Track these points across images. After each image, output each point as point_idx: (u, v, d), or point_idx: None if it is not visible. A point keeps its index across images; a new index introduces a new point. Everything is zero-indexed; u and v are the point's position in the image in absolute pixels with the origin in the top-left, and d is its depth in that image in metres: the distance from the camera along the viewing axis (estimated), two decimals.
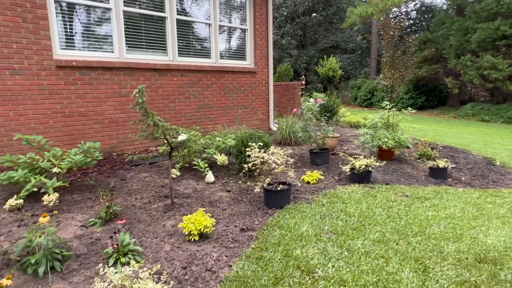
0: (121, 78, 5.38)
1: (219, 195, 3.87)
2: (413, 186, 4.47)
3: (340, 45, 26.12)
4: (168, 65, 5.89)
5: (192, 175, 4.44)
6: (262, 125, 7.77)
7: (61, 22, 4.84)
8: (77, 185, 3.88)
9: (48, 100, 4.71)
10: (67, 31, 4.94)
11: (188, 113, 6.31)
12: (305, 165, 5.25)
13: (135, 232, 2.87)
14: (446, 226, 3.20)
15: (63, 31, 4.88)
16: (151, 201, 3.59)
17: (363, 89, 22.28)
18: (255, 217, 3.33)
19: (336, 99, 6.97)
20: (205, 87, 6.55)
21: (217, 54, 6.73)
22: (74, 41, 5.02)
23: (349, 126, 9.79)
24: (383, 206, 3.65)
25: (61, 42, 4.84)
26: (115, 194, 3.66)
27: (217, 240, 2.83)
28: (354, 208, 3.57)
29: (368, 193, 4.08)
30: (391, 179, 4.79)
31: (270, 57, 7.70)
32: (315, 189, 4.18)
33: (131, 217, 3.14)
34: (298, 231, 2.99)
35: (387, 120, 5.74)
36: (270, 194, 3.58)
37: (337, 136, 5.84)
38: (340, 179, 4.66)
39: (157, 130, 3.05)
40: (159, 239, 2.80)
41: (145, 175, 4.42)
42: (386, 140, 5.26)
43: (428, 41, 18.97)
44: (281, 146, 6.54)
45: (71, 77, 4.87)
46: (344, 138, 7.61)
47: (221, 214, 3.36)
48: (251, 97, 7.44)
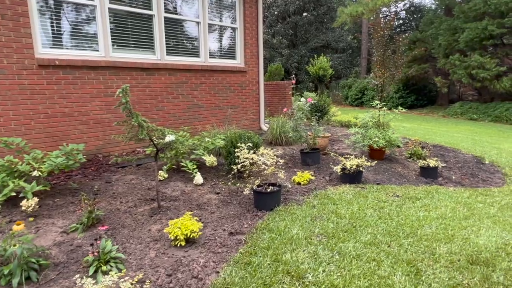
0: (107, 77, 5.23)
1: (208, 198, 3.77)
2: (404, 186, 4.44)
3: (331, 45, 26.18)
4: (156, 64, 5.76)
5: (181, 177, 4.33)
6: (253, 125, 7.68)
7: (43, 20, 4.67)
8: (59, 189, 3.73)
9: (29, 101, 4.53)
10: (50, 29, 4.77)
11: (177, 113, 6.19)
12: (296, 165, 5.18)
13: (118, 238, 2.75)
14: (437, 226, 3.17)
15: (46, 29, 4.71)
16: (136, 205, 3.47)
17: (354, 88, 22.38)
18: (244, 220, 3.24)
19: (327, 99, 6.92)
20: (194, 86, 6.43)
21: (206, 53, 6.62)
22: (57, 40, 4.85)
23: (340, 126, 9.77)
24: (375, 207, 3.60)
25: (43, 40, 4.67)
26: (99, 198, 3.53)
27: (205, 245, 2.73)
28: (345, 209, 3.51)
29: (359, 193, 4.03)
30: (382, 179, 4.76)
31: (261, 56, 7.62)
32: (305, 190, 4.11)
33: (115, 222, 3.02)
34: (288, 234, 2.91)
35: (377, 119, 5.71)
36: (259, 196, 3.50)
37: (328, 136, 5.79)
38: (331, 179, 4.60)
39: (142, 131, 2.94)
40: (144, 244, 2.69)
41: (132, 177, 4.30)
42: (377, 139, 5.22)
43: (418, 41, 19.14)
44: (272, 146, 6.46)
45: (54, 76, 4.71)
46: (335, 138, 7.58)
47: (209, 217, 3.27)
48: (241, 96, 7.35)
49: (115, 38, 5.36)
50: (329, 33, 25.95)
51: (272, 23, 25.74)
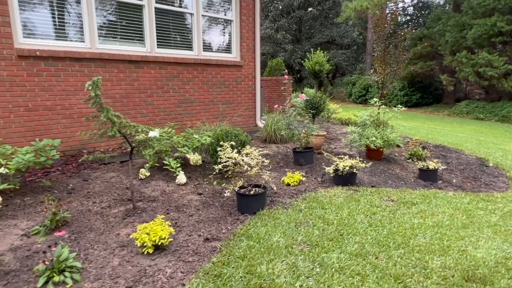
0: (92, 70, 5.01)
1: (189, 199, 3.55)
2: (401, 189, 4.18)
3: (336, 40, 25.73)
4: (145, 57, 5.52)
5: (164, 176, 4.11)
6: (249, 121, 7.44)
7: (24, 8, 4.45)
8: (32, 187, 3.54)
9: (8, 93, 4.33)
10: (31, 18, 4.55)
11: (167, 108, 5.96)
12: (288, 165, 4.94)
13: (82, 243, 2.54)
14: (432, 236, 2.92)
15: (27, 18, 4.49)
16: (111, 205, 3.26)
17: (358, 85, 21.99)
18: (224, 225, 3.02)
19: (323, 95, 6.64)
20: (186, 80, 6.20)
21: (199, 46, 6.37)
22: (38, 29, 4.63)
23: (340, 123, 9.49)
24: (366, 213, 3.35)
25: (24, 30, 4.45)
26: (72, 197, 3.33)
27: (175, 252, 2.51)
28: (334, 214, 3.27)
29: (351, 197, 3.78)
30: (378, 181, 4.50)
31: (257, 50, 7.35)
32: (294, 192, 3.88)
33: (82, 225, 2.81)
34: (268, 241, 2.68)
35: (376, 117, 5.44)
36: (242, 198, 3.27)
37: (323, 134, 5.53)
38: (323, 180, 4.35)
39: (112, 127, 2.72)
40: (109, 251, 2.47)
41: (112, 175, 4.09)
42: (374, 139, 4.96)
43: (424, 37, 18.67)
44: (266, 144, 6.22)
45: (34, 68, 4.50)
46: (333, 136, 7.31)
47: (187, 220, 3.05)
48: (236, 92, 7.10)
49: (102, 29, 5.13)
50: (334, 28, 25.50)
51: (276, 18, 25.34)
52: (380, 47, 6.02)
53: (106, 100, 5.17)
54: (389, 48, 6.11)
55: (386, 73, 5.97)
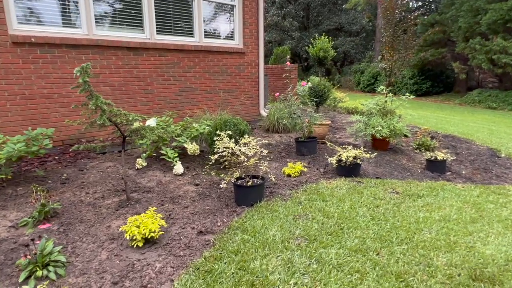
0: (90, 57, 4.88)
1: (185, 189, 3.45)
2: (407, 181, 4.01)
3: (344, 27, 25.11)
4: (144, 44, 5.37)
5: (161, 166, 4.01)
6: (252, 110, 7.27)
7: None
8: (27, 176, 3.47)
9: (4, 81, 4.25)
10: (26, 3, 4.42)
11: (167, 96, 5.83)
12: (290, 155, 4.80)
13: (71, 236, 2.46)
14: (438, 231, 2.76)
15: (21, 3, 4.36)
16: (105, 196, 3.17)
17: (366, 73, 21.51)
18: (220, 217, 2.91)
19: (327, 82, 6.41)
20: (187, 68, 6.04)
21: (201, 32, 6.18)
22: (34, 15, 4.50)
23: (347, 112, 9.26)
24: (369, 205, 3.20)
25: (18, 16, 4.33)
26: (65, 188, 3.25)
27: (166, 246, 2.41)
28: (335, 207, 3.13)
29: (354, 188, 3.63)
30: (383, 172, 4.33)
31: (261, 37, 7.12)
32: (295, 183, 3.74)
33: (73, 216, 2.73)
34: (263, 235, 2.57)
35: (383, 106, 5.23)
36: (239, 189, 3.15)
37: (327, 123, 5.35)
38: (326, 171, 4.20)
39: (101, 116, 2.60)
40: (98, 244, 2.39)
41: (109, 164, 4.01)
42: (380, 128, 4.76)
43: (436, 23, 18.04)
44: (269, 134, 6.07)
45: (30, 55, 4.39)
46: (338, 125, 7.12)
47: (181, 212, 2.95)
48: (239, 79, 6.92)
49: (100, 15, 4.98)
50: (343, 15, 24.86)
51: (283, 4, 24.77)
52: (388, 32, 5.75)
53: (104, 88, 5.07)
54: (398, 33, 5.83)
55: (395, 59, 5.72)
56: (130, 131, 2.92)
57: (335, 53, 6.26)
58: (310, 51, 6.37)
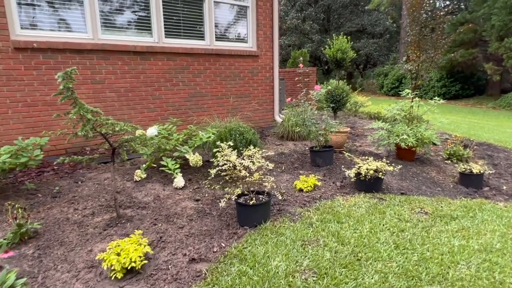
0: (94, 62, 4.70)
1: (184, 206, 3.12)
2: (437, 198, 3.50)
3: (367, 29, 24.32)
4: (152, 47, 5.14)
5: (161, 178, 3.72)
6: (266, 116, 6.91)
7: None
8: (19, 189, 3.26)
9: (5, 87, 4.12)
10: (28, 7, 4.29)
11: (176, 102, 5.57)
12: (304, 166, 4.38)
13: (45, 262, 2.18)
14: (479, 265, 2.27)
15: (23, 7, 4.24)
16: (95, 213, 2.90)
17: (390, 76, 20.65)
18: (218, 240, 2.55)
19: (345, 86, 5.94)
20: (197, 72, 5.77)
21: (212, 35, 5.90)
22: (36, 20, 4.36)
23: (369, 118, 8.71)
24: (392, 229, 2.74)
25: (21, 21, 4.21)
26: (55, 202, 3.00)
27: (150, 277, 2.08)
28: (351, 230, 2.69)
29: (375, 207, 3.17)
30: (409, 186, 3.83)
31: (276, 39, 6.76)
32: (307, 200, 3.33)
33: (53, 238, 2.45)
34: (265, 267, 2.18)
35: (408, 112, 4.71)
36: (241, 208, 2.78)
37: (345, 130, 4.89)
38: (343, 185, 3.76)
39: (83, 127, 2.32)
40: (73, 273, 2.09)
41: (107, 176, 3.75)
42: (406, 137, 4.26)
43: (466, 22, 17.01)
44: (283, 141, 5.68)
45: (32, 60, 4.25)
46: (359, 132, 6.61)
47: (174, 234, 2.61)
48: (252, 84, 6.58)
49: (106, 18, 4.80)
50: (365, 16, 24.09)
51: (303, 7, 24.33)
52: (414, 31, 5.23)
53: (110, 94, 4.87)
54: (425, 31, 5.30)
55: (421, 60, 5.18)
56: (119, 142, 2.63)
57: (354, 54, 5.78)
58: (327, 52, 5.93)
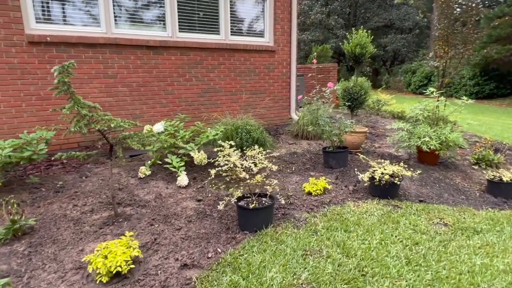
0: (107, 56, 4.69)
1: (184, 206, 3.01)
2: (459, 208, 3.19)
3: (395, 24, 23.35)
4: (165, 42, 5.07)
5: (166, 175, 3.63)
6: (282, 113, 6.70)
7: None
8: (25, 182, 3.27)
9: (20, 81, 4.17)
10: (43, 1, 4.32)
11: (189, 97, 5.49)
12: (316, 167, 4.16)
13: (34, 261, 2.13)
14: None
15: (38, 1, 4.26)
16: (94, 210, 2.85)
17: (418, 73, 19.73)
18: (214, 245, 2.42)
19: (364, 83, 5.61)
20: (211, 68, 5.65)
21: (227, 29, 5.76)
22: (51, 14, 4.39)
23: (392, 117, 8.28)
24: (405, 241, 2.50)
25: (36, 15, 4.24)
26: (56, 198, 2.98)
27: (137, 283, 1.97)
28: (359, 241, 2.47)
29: (389, 215, 2.92)
30: (429, 193, 3.53)
31: (294, 33, 6.53)
32: (315, 204, 3.13)
33: (47, 235, 2.41)
34: (259, 278, 2.02)
35: (432, 112, 4.37)
36: (241, 211, 2.63)
37: (362, 131, 4.61)
38: (356, 190, 3.52)
39: (77, 122, 2.24)
40: (59, 274, 2.02)
41: (114, 171, 3.71)
42: (428, 139, 3.94)
43: (503, 16, 15.87)
44: (297, 140, 5.47)
45: (46, 54, 4.28)
46: (380, 132, 6.28)
47: (170, 236, 2.50)
48: (268, 80, 6.39)
49: (119, 12, 4.77)
50: (393, 10, 23.12)
51: (328, 1, 23.69)
52: (443, 24, 4.84)
53: (122, 89, 4.86)
54: (455, 25, 4.89)
55: (449, 56, 4.79)
56: (115, 139, 2.55)
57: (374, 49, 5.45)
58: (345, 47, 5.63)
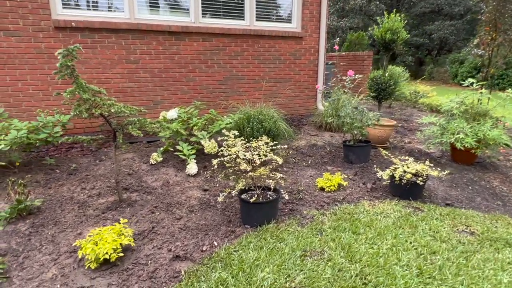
0: (129, 42, 4.72)
1: (189, 195, 2.95)
2: (493, 215, 2.82)
3: (443, 9, 21.54)
4: (186, 28, 5.00)
5: (177, 162, 3.60)
6: (308, 103, 6.43)
7: None
8: (42, 163, 3.40)
9: (47, 65, 4.32)
10: None
11: (210, 85, 5.42)
12: (335, 161, 3.92)
13: (33, 241, 2.17)
14: None
15: None
16: (101, 194, 2.88)
17: (467, 64, 18.14)
18: (212, 237, 2.33)
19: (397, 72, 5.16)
20: (234, 54, 5.52)
21: (252, 14, 5.56)
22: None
23: (429, 110, 7.68)
24: (421, 249, 2.24)
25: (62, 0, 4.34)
26: (68, 180, 3.06)
27: (125, 272, 1.94)
28: (367, 245, 2.26)
29: (407, 219, 2.65)
30: (459, 196, 3.17)
31: (323, 18, 6.17)
32: (327, 201, 2.93)
33: (50, 217, 2.46)
34: (249, 277, 1.90)
35: (471, 106, 3.91)
36: (243, 205, 2.51)
37: (389, 124, 4.26)
38: (374, 188, 3.25)
39: (77, 107, 2.23)
40: (53, 256, 2.04)
41: (128, 156, 3.76)
42: (462, 136, 3.53)
43: None
44: (320, 131, 5.22)
45: (71, 39, 4.39)
46: (413, 127, 5.82)
47: (168, 225, 2.45)
48: (293, 68, 6.13)
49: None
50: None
51: None
52: (491, 6, 4.29)
53: (144, 75, 4.88)
54: (506, 7, 4.31)
55: (497, 43, 4.24)
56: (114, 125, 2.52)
57: (407, 35, 4.98)
58: (375, 33, 5.21)
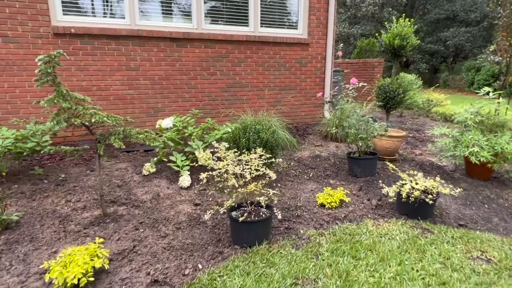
0: (130, 48, 4.63)
1: (179, 210, 2.77)
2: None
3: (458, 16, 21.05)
4: (188, 34, 4.89)
5: (171, 174, 3.43)
6: (314, 111, 6.21)
7: None
8: (31, 173, 3.28)
9: None
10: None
11: (212, 92, 5.27)
12: (338, 174, 3.69)
13: (3, 260, 2.01)
14: None
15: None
16: (87, 207, 2.73)
17: (483, 71, 17.58)
18: (197, 259, 2.14)
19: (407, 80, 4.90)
20: (237, 61, 5.37)
21: (256, 20, 5.42)
22: (76, 5, 4.42)
23: (443, 120, 7.33)
24: (429, 279, 1.98)
25: (62, 6, 4.29)
26: (54, 191, 2.92)
27: None
28: (368, 272, 2.02)
29: (414, 242, 2.39)
30: (474, 216, 2.89)
31: (330, 25, 5.98)
32: (327, 219, 2.70)
33: (27, 232, 2.31)
34: None
35: (487, 116, 3.63)
36: (233, 223, 2.31)
37: (398, 135, 4.00)
38: (380, 205, 3.00)
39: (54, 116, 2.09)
40: (21, 278, 1.87)
41: (121, 166, 3.62)
42: (477, 149, 3.25)
43: None
44: (325, 142, 4.99)
45: (70, 46, 4.33)
46: (424, 137, 5.52)
47: (151, 244, 2.27)
48: (299, 75, 5.94)
49: (144, 3, 4.68)
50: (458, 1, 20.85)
51: None
52: (508, 10, 4.01)
53: (144, 82, 4.78)
54: None
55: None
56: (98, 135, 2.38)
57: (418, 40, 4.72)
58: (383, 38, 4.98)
